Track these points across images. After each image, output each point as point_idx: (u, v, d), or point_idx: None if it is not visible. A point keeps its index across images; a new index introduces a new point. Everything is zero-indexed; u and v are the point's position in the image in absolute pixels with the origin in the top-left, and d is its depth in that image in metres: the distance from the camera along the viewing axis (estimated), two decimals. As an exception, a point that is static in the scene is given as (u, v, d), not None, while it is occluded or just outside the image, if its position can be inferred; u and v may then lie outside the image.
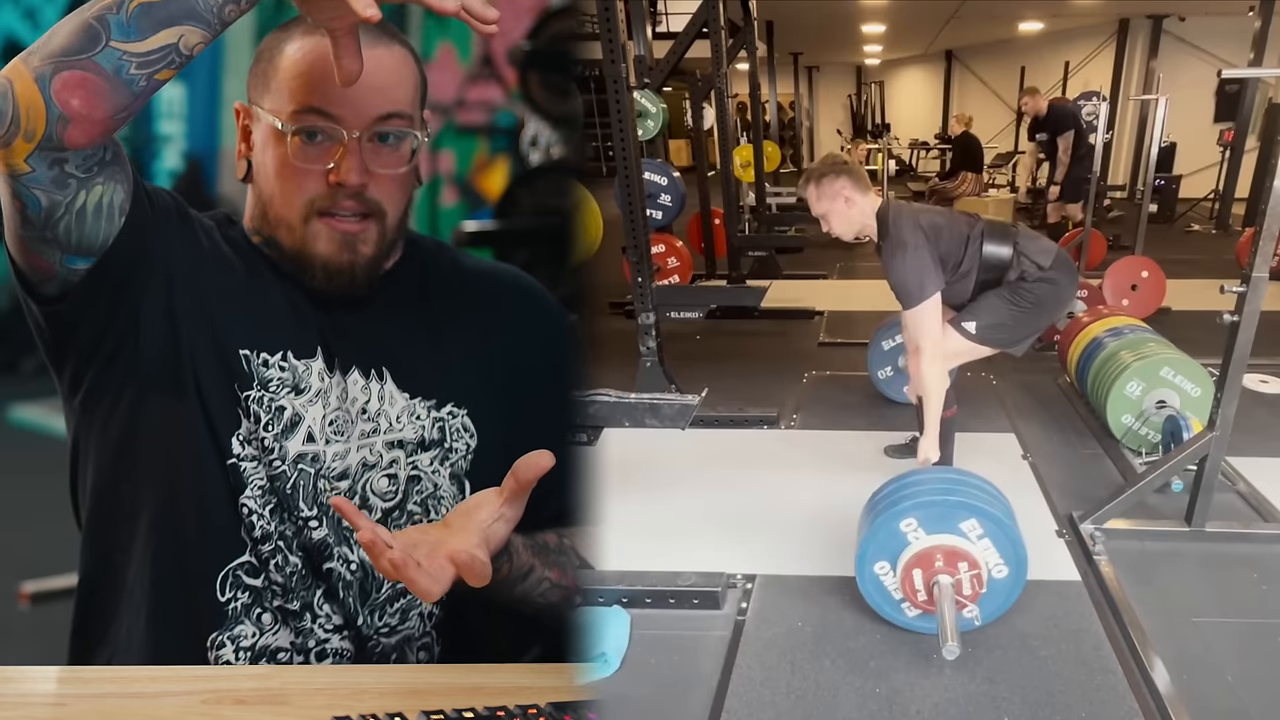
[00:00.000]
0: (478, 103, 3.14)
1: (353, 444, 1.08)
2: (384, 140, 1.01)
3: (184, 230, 1.04)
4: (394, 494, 1.10)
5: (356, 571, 1.09)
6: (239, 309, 1.05)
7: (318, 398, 1.06)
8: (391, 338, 1.11)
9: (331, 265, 1.03)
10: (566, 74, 2.75)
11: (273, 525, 1.04)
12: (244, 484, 1.03)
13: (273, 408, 1.04)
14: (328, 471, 1.06)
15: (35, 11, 3.66)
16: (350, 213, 1.02)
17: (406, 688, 0.89)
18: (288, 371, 1.05)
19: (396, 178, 1.03)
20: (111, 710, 0.81)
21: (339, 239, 1.02)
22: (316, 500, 1.06)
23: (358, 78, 0.93)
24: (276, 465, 1.04)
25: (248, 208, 1.09)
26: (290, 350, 1.05)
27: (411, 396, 1.10)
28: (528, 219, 2.59)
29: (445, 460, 1.12)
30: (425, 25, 3.19)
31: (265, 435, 1.04)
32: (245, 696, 0.84)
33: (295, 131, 0.99)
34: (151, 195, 1.01)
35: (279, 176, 1.01)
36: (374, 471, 1.08)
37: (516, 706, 0.84)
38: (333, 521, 1.07)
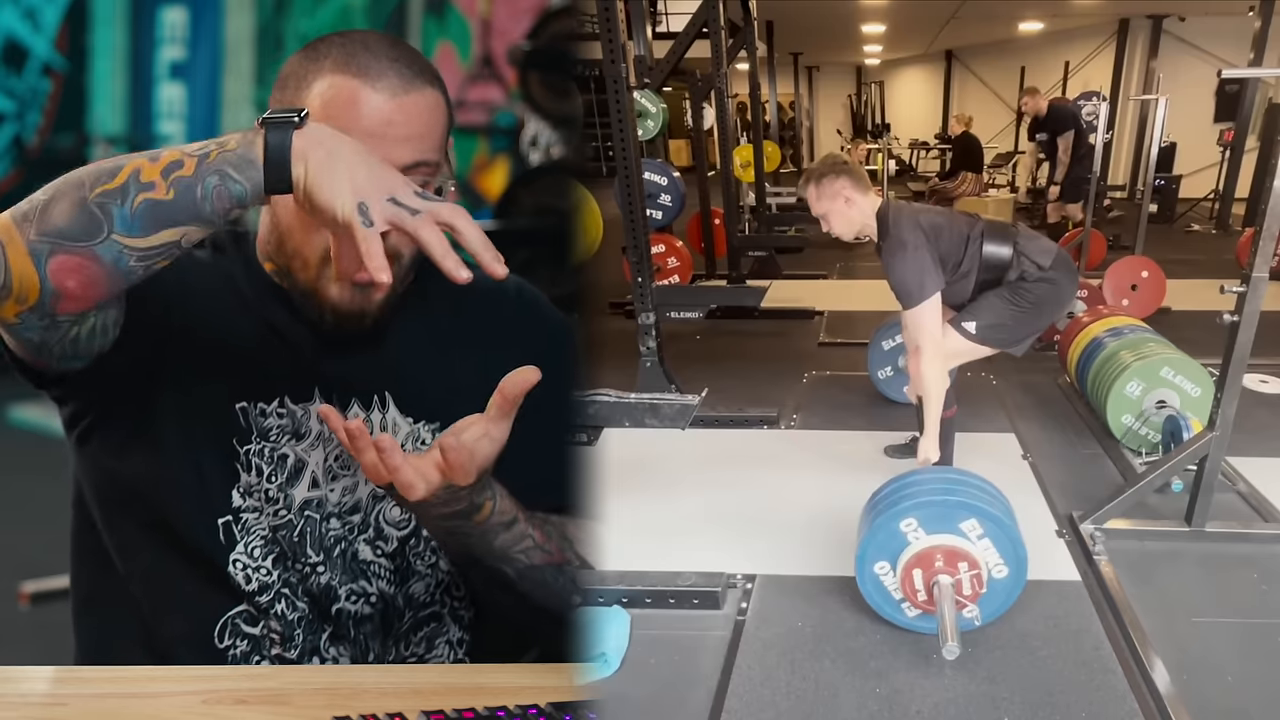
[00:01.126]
0: (478, 103, 3.14)
1: (360, 477, 1.06)
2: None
3: (180, 293, 1.01)
4: (408, 521, 1.08)
5: (377, 603, 1.07)
6: (237, 359, 1.03)
7: (319, 440, 1.04)
8: (394, 364, 1.09)
9: (342, 310, 1.01)
10: (566, 74, 2.75)
11: (274, 575, 1.03)
12: (241, 537, 1.02)
13: (275, 457, 1.03)
14: (336, 509, 1.05)
15: (35, 11, 3.66)
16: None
17: (407, 688, 0.89)
18: (286, 418, 1.03)
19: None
20: (111, 710, 0.81)
21: (352, 287, 1.00)
22: (322, 545, 1.05)
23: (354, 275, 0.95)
24: (282, 514, 1.03)
25: (262, 228, 1.06)
26: (288, 395, 1.03)
27: (415, 421, 1.09)
28: (528, 219, 2.59)
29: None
30: (425, 25, 3.19)
31: (269, 486, 1.03)
32: (245, 696, 0.84)
33: None
34: (145, 300, 0.96)
35: (300, 217, 0.97)
36: (385, 502, 1.07)
37: (516, 706, 0.84)
38: (337, 563, 1.06)
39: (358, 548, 1.06)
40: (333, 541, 1.05)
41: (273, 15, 3.38)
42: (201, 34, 3.63)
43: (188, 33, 3.71)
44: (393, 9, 3.13)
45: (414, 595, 1.09)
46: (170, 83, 3.76)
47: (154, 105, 3.79)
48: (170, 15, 3.72)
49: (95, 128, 3.74)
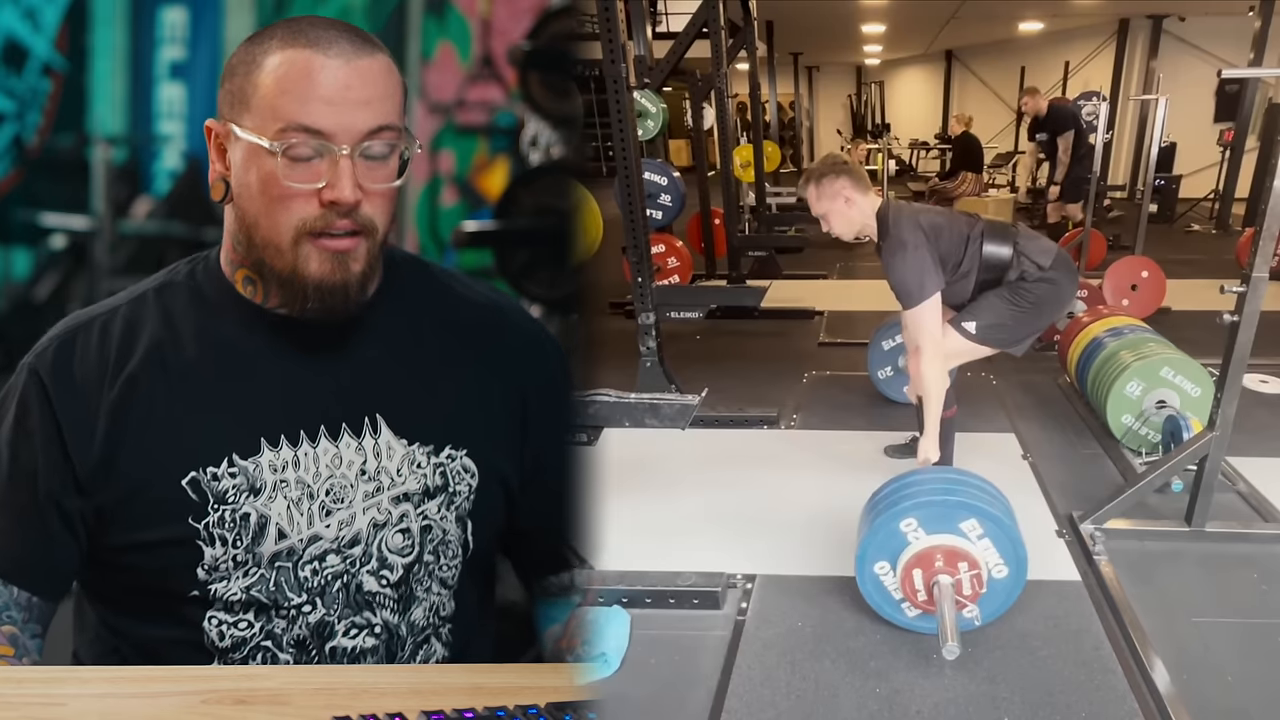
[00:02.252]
0: (478, 103, 3.13)
1: (358, 507, 1.03)
2: (375, 156, 0.96)
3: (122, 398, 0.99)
4: (411, 548, 1.06)
5: (380, 633, 1.05)
6: (187, 424, 0.99)
7: (276, 490, 1.01)
8: (382, 379, 1.06)
9: (325, 285, 0.98)
10: (566, 74, 2.74)
11: (255, 628, 1.01)
12: (214, 601, 1.00)
13: (237, 519, 0.99)
14: (334, 544, 1.03)
15: (35, 11, 3.66)
16: (343, 231, 0.96)
17: (407, 688, 0.89)
18: (240, 475, 1.00)
19: (388, 193, 0.99)
20: (111, 710, 0.81)
21: (330, 259, 0.97)
22: (303, 585, 1.02)
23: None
24: (253, 573, 1.00)
25: (227, 232, 1.02)
26: (235, 452, 1.00)
27: (410, 443, 1.06)
28: (528, 219, 2.58)
29: (451, 505, 1.08)
30: (425, 25, 3.19)
31: (236, 551, 0.99)
32: (245, 696, 0.83)
33: (284, 151, 0.93)
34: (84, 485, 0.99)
35: (265, 197, 0.95)
36: (386, 530, 1.05)
37: (516, 706, 0.84)
38: (337, 598, 1.03)
39: (361, 580, 1.04)
40: (330, 578, 1.03)
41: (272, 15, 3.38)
42: (201, 34, 3.63)
43: (188, 33, 3.70)
44: (393, 9, 3.13)
45: (415, 622, 1.07)
46: (170, 83, 3.76)
47: (154, 105, 3.79)
48: (170, 15, 3.72)
49: (95, 128, 3.74)
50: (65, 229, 3.74)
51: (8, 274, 3.74)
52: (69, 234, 3.75)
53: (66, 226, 3.73)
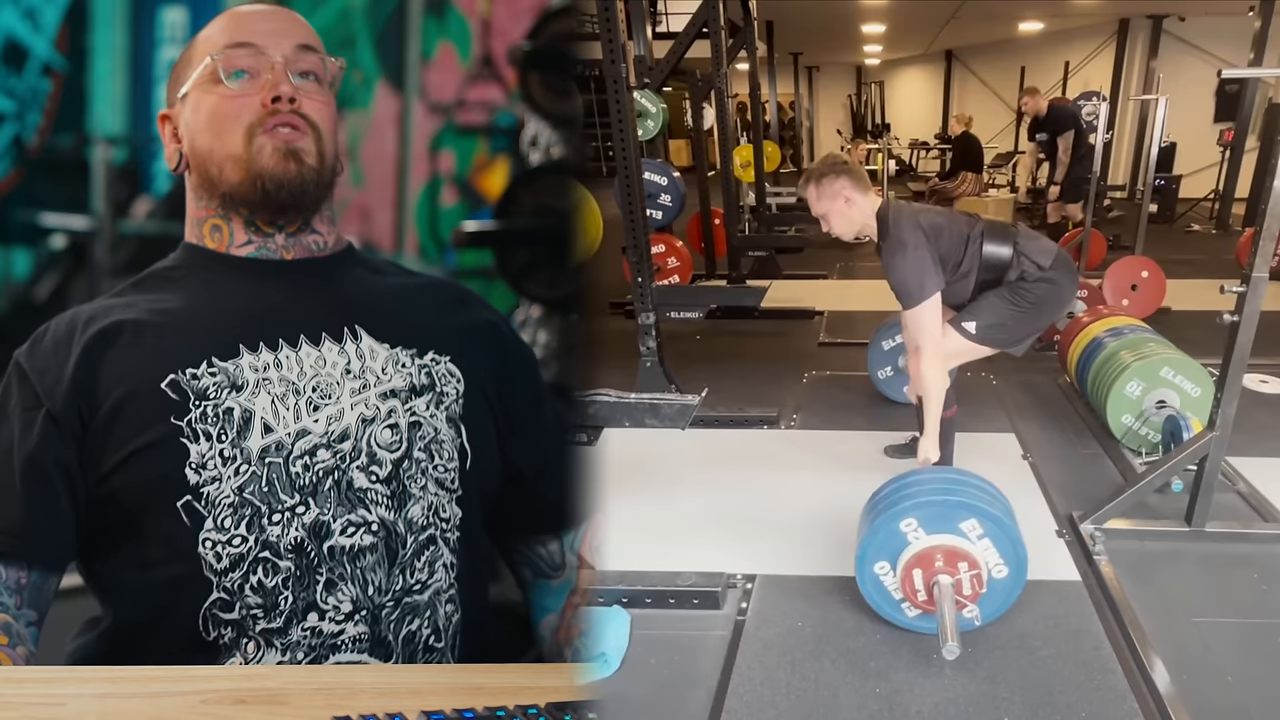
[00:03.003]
0: (478, 103, 3.13)
1: (345, 403, 1.06)
2: (305, 78, 1.10)
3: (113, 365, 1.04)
4: (399, 443, 1.08)
5: (378, 531, 1.05)
6: (163, 344, 1.05)
7: (259, 386, 1.04)
8: (357, 304, 1.14)
9: (279, 174, 1.07)
10: (566, 74, 2.74)
11: (249, 542, 1.01)
12: (208, 512, 1.00)
13: (220, 413, 1.02)
14: (324, 439, 1.05)
15: (35, 11, 3.66)
16: (288, 125, 1.08)
17: (407, 688, 0.89)
18: (220, 374, 1.03)
19: (324, 104, 1.11)
20: (111, 710, 0.81)
21: (282, 148, 1.07)
22: (294, 484, 1.03)
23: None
24: (244, 470, 1.01)
25: (189, 198, 1.14)
26: (215, 354, 1.05)
27: (392, 346, 1.11)
28: (528, 219, 2.58)
29: (440, 404, 1.11)
30: (425, 25, 3.19)
31: (222, 445, 1.01)
32: (245, 696, 0.84)
33: (226, 67, 1.07)
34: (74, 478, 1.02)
35: (215, 118, 1.08)
36: (375, 425, 1.07)
37: (516, 706, 0.84)
38: (330, 495, 1.04)
39: (352, 475, 1.05)
40: (321, 474, 1.04)
41: (273, 15, 3.37)
42: (201, 34, 3.64)
43: (188, 33, 3.71)
44: (393, 9, 3.13)
45: (413, 519, 1.07)
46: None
47: (154, 105, 3.79)
48: (170, 15, 3.72)
49: (95, 128, 3.74)
50: (65, 229, 3.74)
51: (8, 274, 3.75)
52: (69, 234, 3.75)
53: (66, 226, 3.73)
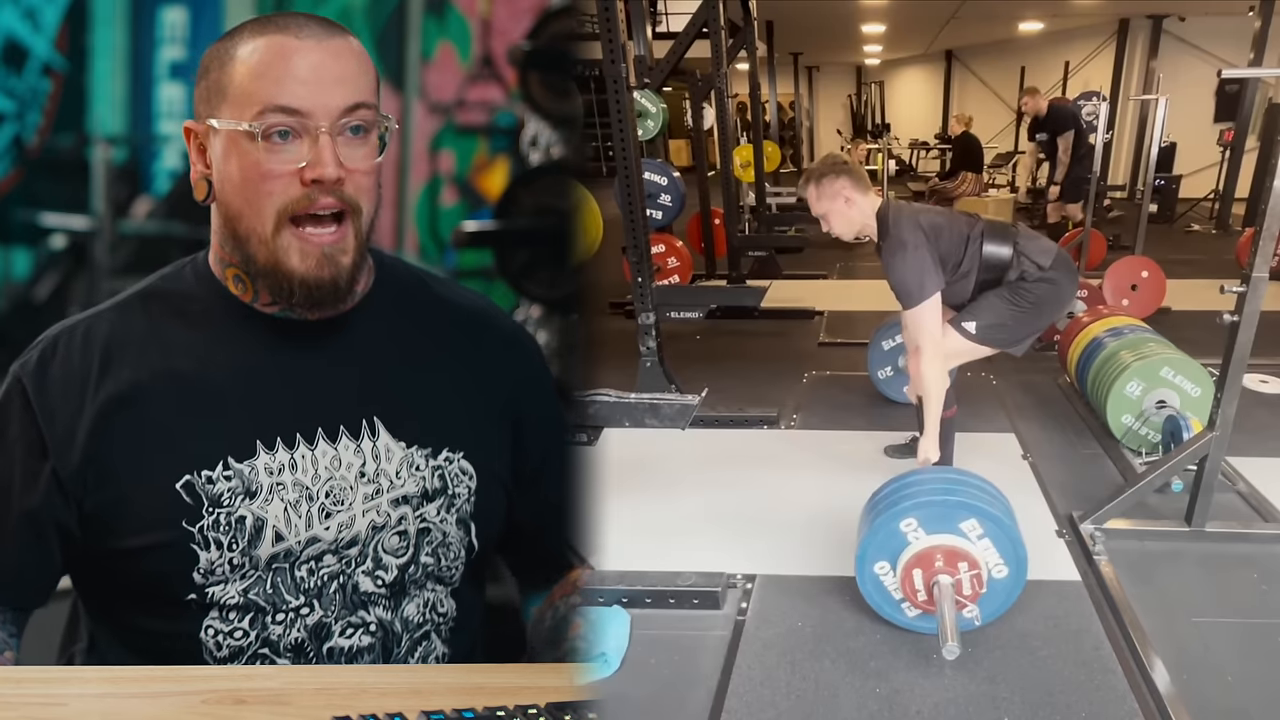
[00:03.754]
0: (478, 103, 3.13)
1: (357, 510, 1.03)
2: (354, 133, 0.96)
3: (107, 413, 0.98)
4: (405, 549, 1.06)
5: (376, 630, 1.05)
6: (179, 427, 0.98)
7: (273, 493, 1.00)
8: (378, 381, 1.06)
9: (310, 282, 0.97)
10: (566, 74, 2.74)
11: (251, 636, 1.00)
12: (211, 606, 0.99)
13: (233, 522, 0.99)
14: (333, 545, 1.02)
15: (35, 11, 3.66)
16: (327, 211, 0.96)
17: (407, 688, 0.89)
18: (235, 479, 0.99)
19: (370, 171, 0.98)
20: (111, 710, 0.81)
21: (315, 254, 0.96)
22: (299, 587, 1.01)
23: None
24: (250, 575, 1.00)
25: (214, 231, 1.02)
26: (231, 455, 0.99)
27: (408, 445, 1.06)
28: (528, 219, 2.58)
29: (451, 507, 1.08)
30: (425, 25, 3.19)
31: (232, 554, 0.99)
32: (245, 696, 0.83)
33: (263, 132, 0.93)
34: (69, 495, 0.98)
35: (247, 184, 0.95)
36: (384, 532, 1.05)
37: (516, 706, 0.84)
38: (334, 599, 1.03)
39: (357, 580, 1.04)
40: (326, 579, 1.02)
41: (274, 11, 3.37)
42: (201, 34, 3.63)
43: (188, 33, 3.70)
44: (393, 9, 3.13)
45: (409, 618, 1.07)
46: (170, 83, 3.76)
47: (154, 105, 3.79)
48: (170, 15, 3.72)
49: (95, 128, 3.74)
50: (65, 229, 3.74)
51: (8, 274, 3.74)
52: (69, 234, 3.75)
53: (66, 226, 3.73)
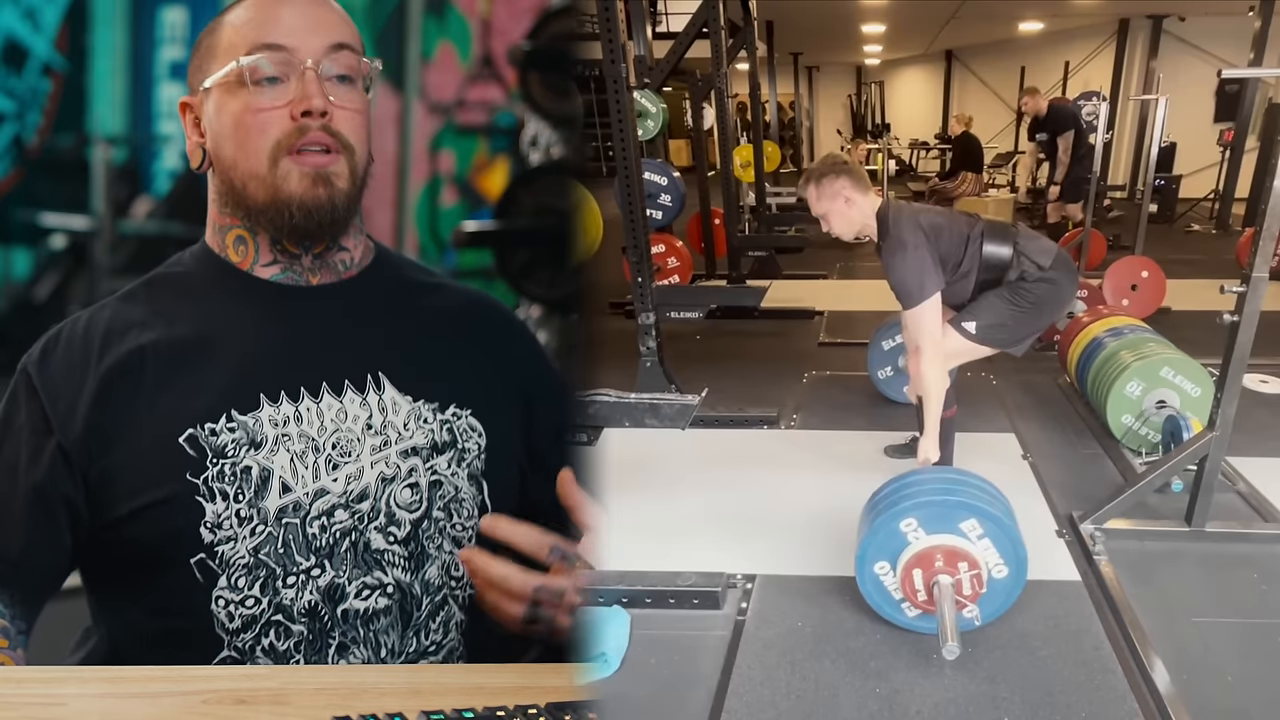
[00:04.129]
0: (478, 103, 3.14)
1: (365, 461, 1.03)
2: (340, 81, 1.01)
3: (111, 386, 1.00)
4: (419, 503, 1.05)
5: (394, 593, 1.03)
6: (182, 388, 1.00)
7: (278, 444, 1.00)
8: (381, 340, 1.08)
9: (308, 201, 1.00)
10: (566, 74, 2.75)
11: (263, 603, 0.99)
12: (221, 570, 0.98)
13: (237, 472, 0.99)
14: (343, 499, 1.02)
15: (35, 11, 3.66)
16: (319, 145, 1.00)
17: (407, 688, 0.89)
18: (239, 430, 0.99)
19: (358, 113, 1.03)
20: (111, 710, 0.81)
21: (310, 174, 1.00)
22: (310, 545, 1.00)
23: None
24: (260, 531, 0.99)
25: (212, 201, 1.06)
26: (234, 408, 1.00)
27: (415, 399, 1.06)
28: (528, 219, 2.59)
29: (461, 461, 1.08)
30: (425, 25, 3.19)
31: (239, 505, 0.98)
32: (245, 696, 0.83)
33: (253, 74, 0.98)
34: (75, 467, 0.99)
35: (239, 128, 0.99)
36: (395, 484, 1.04)
37: (516, 706, 0.84)
38: (345, 557, 1.01)
39: (369, 537, 1.02)
40: (338, 535, 1.01)
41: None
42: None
43: (188, 33, 3.71)
44: (393, 9, 3.13)
45: (429, 581, 1.06)
46: (170, 83, 3.77)
47: (154, 105, 3.79)
48: (170, 15, 3.72)
49: (95, 128, 3.74)
50: (65, 229, 3.75)
51: (8, 274, 3.75)
52: (69, 234, 3.75)
53: (66, 226, 3.74)
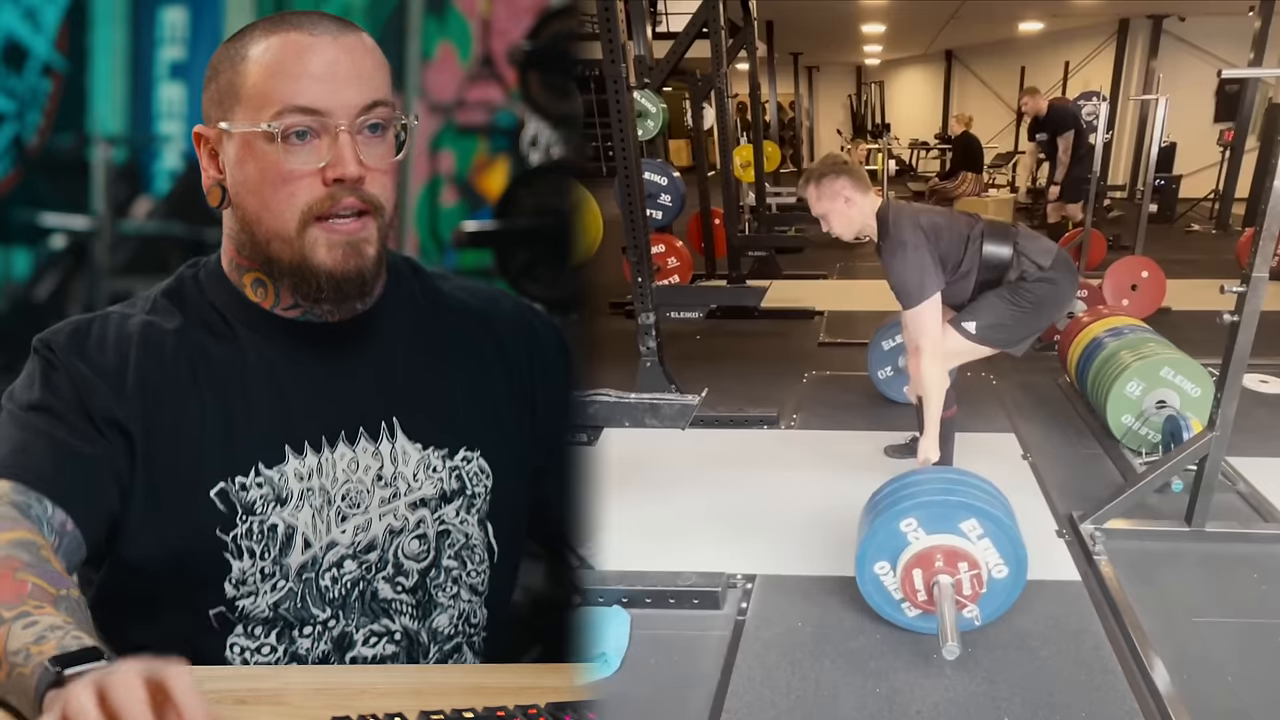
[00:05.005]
0: (478, 103, 3.14)
1: (374, 513, 1.02)
2: (373, 130, 0.94)
3: (147, 392, 0.96)
4: (427, 553, 1.04)
5: (401, 639, 1.04)
6: (203, 438, 0.96)
7: (303, 499, 0.99)
8: (395, 382, 1.04)
9: (337, 274, 0.95)
10: (566, 74, 2.75)
11: (276, 654, 0.99)
12: (238, 622, 0.98)
13: (264, 530, 0.98)
14: (350, 549, 1.01)
15: (35, 11, 3.66)
16: (350, 211, 0.94)
17: (406, 688, 0.89)
18: (266, 485, 0.98)
19: (391, 169, 0.96)
20: (111, 710, 0.81)
21: (341, 244, 0.94)
22: (324, 596, 1.00)
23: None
24: (281, 586, 0.99)
25: (228, 237, 1.00)
26: (261, 460, 0.98)
27: (424, 447, 1.04)
28: (528, 219, 2.59)
29: (470, 508, 1.06)
30: (425, 25, 3.19)
31: (264, 563, 0.98)
32: (245, 696, 0.83)
33: (282, 133, 0.91)
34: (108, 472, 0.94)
35: (267, 186, 0.93)
36: (403, 536, 1.03)
37: (516, 706, 0.84)
38: (354, 606, 1.01)
39: (377, 586, 1.02)
40: (349, 585, 1.01)
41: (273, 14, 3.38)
42: (201, 34, 3.63)
43: (188, 33, 3.71)
44: (393, 9, 3.13)
45: (438, 629, 1.06)
46: (170, 83, 3.76)
47: (154, 105, 3.79)
48: (170, 15, 3.72)
49: (95, 128, 3.74)
50: (65, 229, 3.74)
51: (8, 274, 3.75)
52: (69, 234, 3.75)
53: (66, 226, 3.73)
